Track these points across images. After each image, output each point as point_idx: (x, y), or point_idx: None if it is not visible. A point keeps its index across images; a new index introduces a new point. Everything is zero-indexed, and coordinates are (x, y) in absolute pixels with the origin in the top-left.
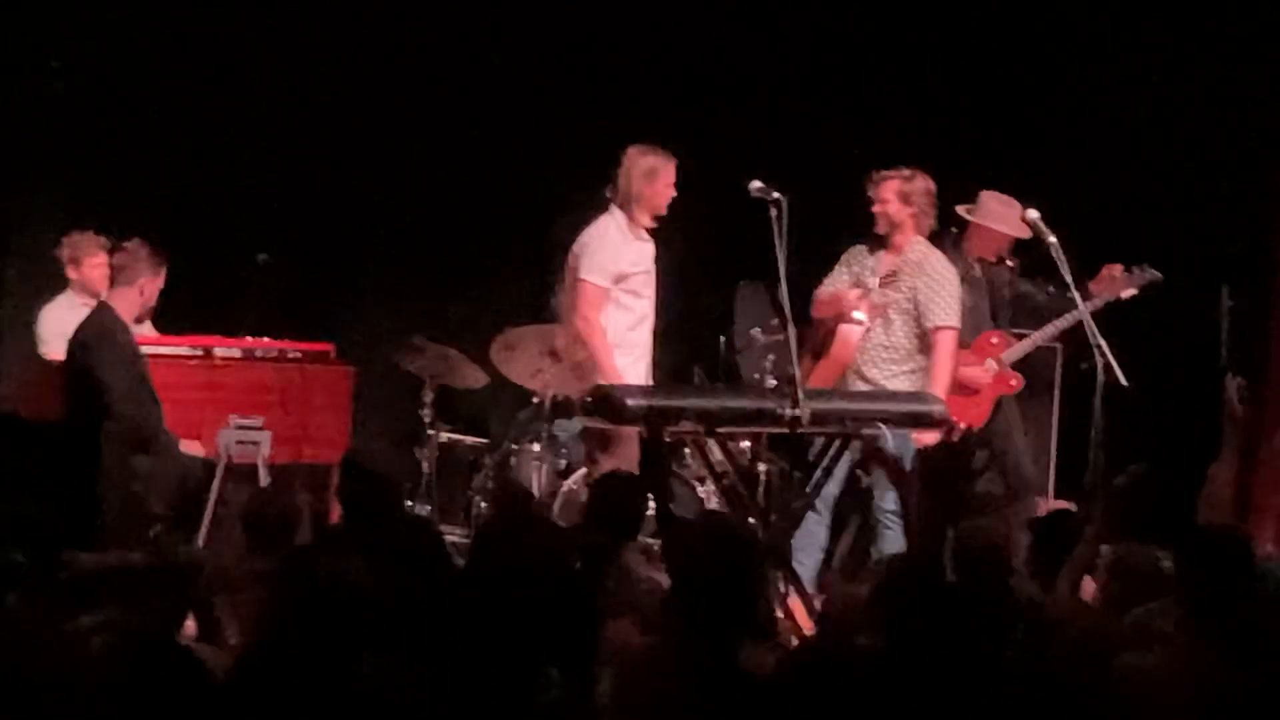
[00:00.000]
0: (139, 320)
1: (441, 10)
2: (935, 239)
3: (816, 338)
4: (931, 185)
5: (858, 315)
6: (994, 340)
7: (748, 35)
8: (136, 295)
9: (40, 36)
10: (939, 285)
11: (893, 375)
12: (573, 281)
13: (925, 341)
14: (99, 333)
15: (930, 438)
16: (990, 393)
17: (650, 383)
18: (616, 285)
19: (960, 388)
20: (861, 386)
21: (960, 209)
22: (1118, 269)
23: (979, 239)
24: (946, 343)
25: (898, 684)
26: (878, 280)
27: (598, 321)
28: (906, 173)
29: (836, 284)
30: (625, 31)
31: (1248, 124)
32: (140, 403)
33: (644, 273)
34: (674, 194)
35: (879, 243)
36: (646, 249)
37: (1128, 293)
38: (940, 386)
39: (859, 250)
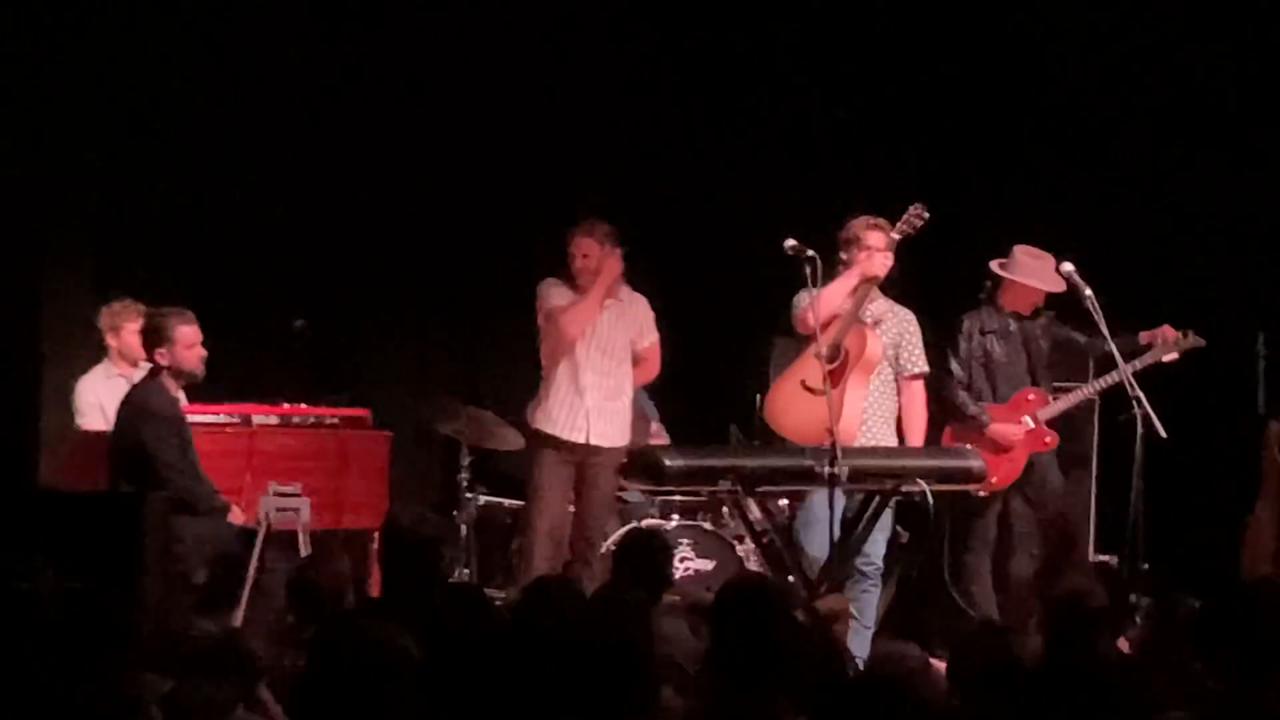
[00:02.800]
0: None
1: (480, 79)
2: (971, 295)
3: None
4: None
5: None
6: (1030, 397)
7: (785, 94)
8: (181, 355)
9: (74, 106)
10: (917, 331)
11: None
12: None
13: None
14: (146, 403)
15: None
16: (1024, 450)
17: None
18: None
19: (993, 444)
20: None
21: (994, 264)
22: (1171, 333)
23: (1013, 294)
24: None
25: None
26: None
27: None
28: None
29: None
30: (664, 94)
31: None
32: (185, 472)
33: None
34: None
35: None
36: None
37: (1169, 356)
38: (919, 435)
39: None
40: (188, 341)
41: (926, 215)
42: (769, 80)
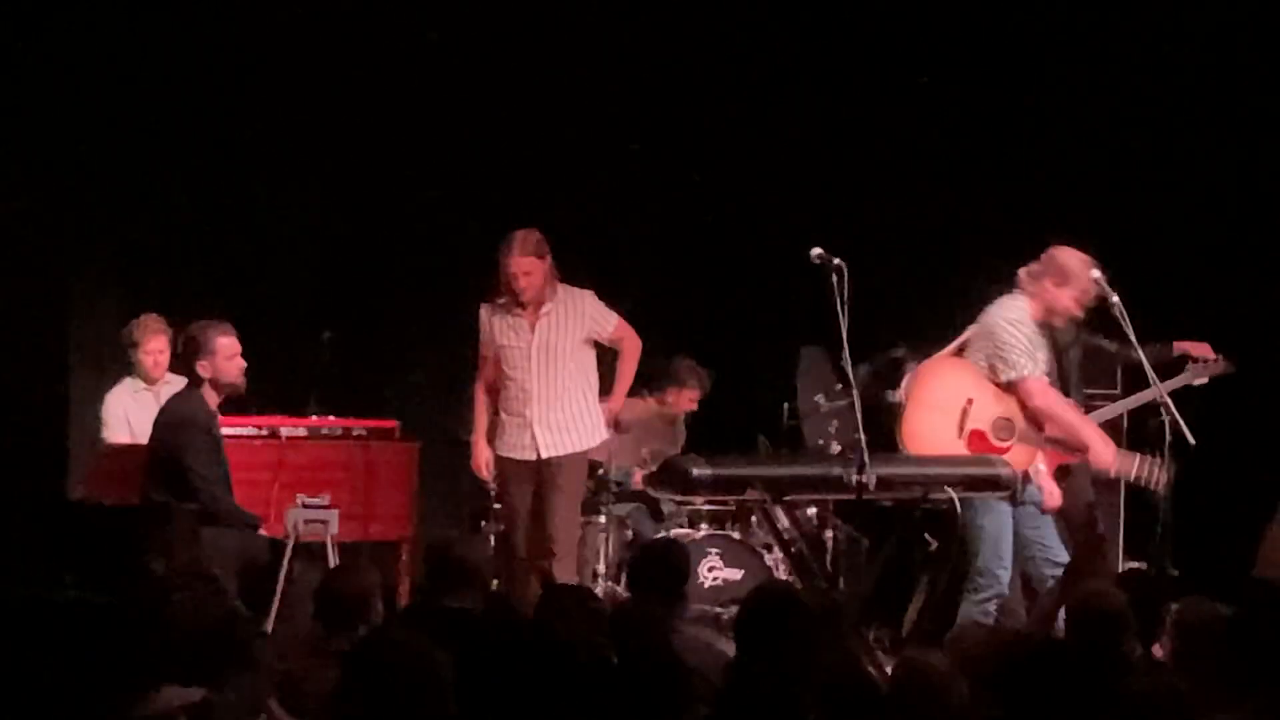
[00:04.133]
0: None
1: (511, 95)
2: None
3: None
4: None
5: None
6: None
7: (811, 102)
8: (222, 367)
9: (102, 121)
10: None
11: None
12: None
13: None
14: (184, 413)
15: None
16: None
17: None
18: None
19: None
20: None
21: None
22: (1211, 355)
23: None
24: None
25: None
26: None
27: None
28: None
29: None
30: (690, 103)
31: None
32: (218, 484)
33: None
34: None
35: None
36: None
37: (1200, 380)
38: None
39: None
40: (228, 353)
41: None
42: (795, 87)
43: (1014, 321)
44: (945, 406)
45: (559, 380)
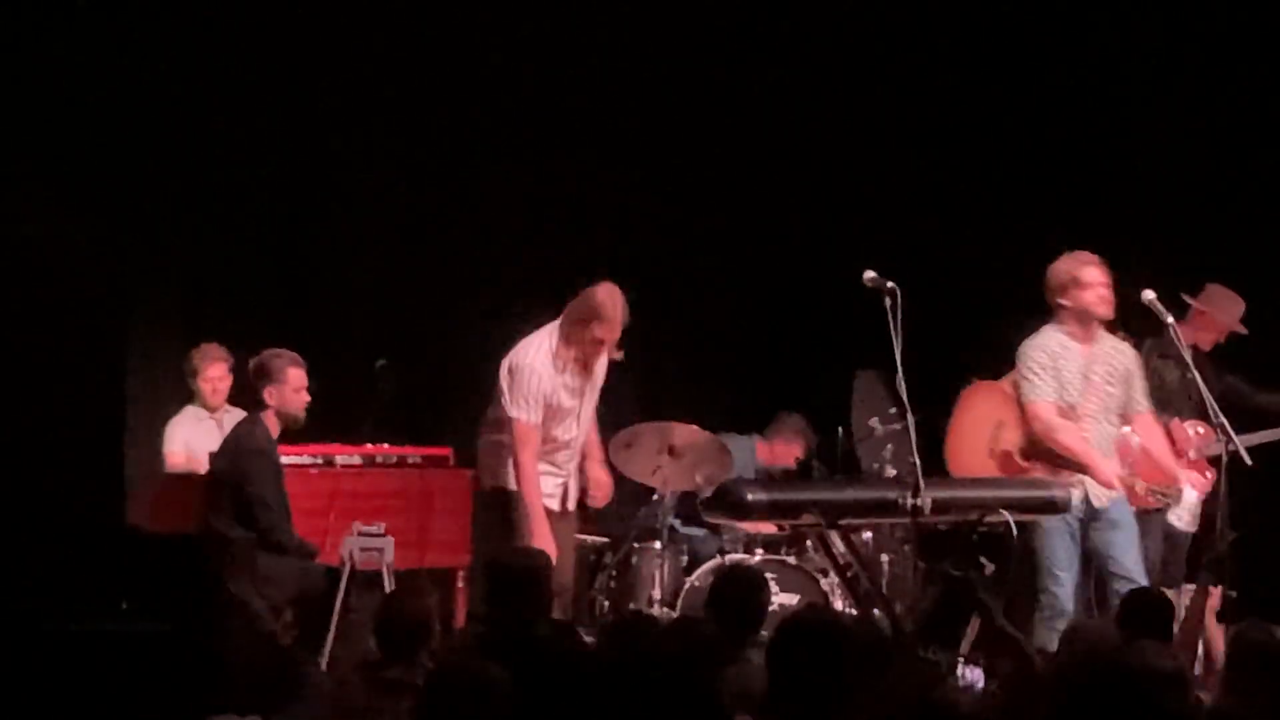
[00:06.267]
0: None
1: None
2: (1154, 324)
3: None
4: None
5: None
6: (1200, 430)
7: (866, 124)
8: (288, 396)
9: (163, 150)
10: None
11: None
12: None
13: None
14: (250, 440)
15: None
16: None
17: None
18: None
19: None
20: None
21: (1188, 298)
22: None
23: (1199, 326)
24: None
25: None
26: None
27: None
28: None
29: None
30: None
31: None
32: (278, 511)
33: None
34: None
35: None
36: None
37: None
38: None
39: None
40: (296, 384)
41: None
42: (844, 114)
43: (1038, 346)
44: (977, 429)
45: (582, 433)
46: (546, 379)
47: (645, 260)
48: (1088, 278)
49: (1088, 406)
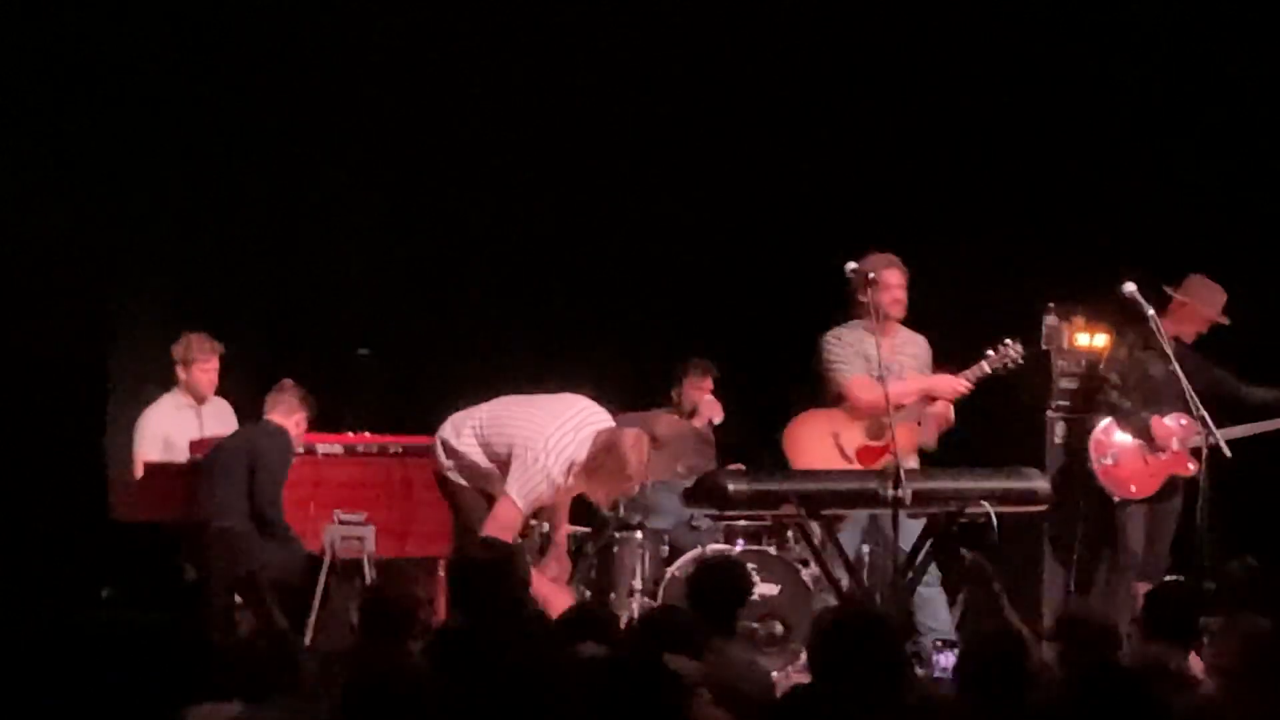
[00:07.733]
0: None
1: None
2: (1137, 317)
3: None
4: None
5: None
6: (1183, 422)
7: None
8: (293, 427)
9: (149, 139)
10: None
11: None
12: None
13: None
14: (281, 428)
15: None
16: (1164, 469)
17: None
18: None
19: (1142, 457)
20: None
21: (1169, 289)
22: None
23: (1181, 318)
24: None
25: None
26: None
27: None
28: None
29: (855, 369)
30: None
31: None
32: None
33: None
34: None
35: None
36: None
37: None
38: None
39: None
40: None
41: (1022, 354)
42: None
43: (835, 337)
44: (821, 451)
45: None
46: (548, 490)
47: (629, 250)
48: (886, 279)
49: None
